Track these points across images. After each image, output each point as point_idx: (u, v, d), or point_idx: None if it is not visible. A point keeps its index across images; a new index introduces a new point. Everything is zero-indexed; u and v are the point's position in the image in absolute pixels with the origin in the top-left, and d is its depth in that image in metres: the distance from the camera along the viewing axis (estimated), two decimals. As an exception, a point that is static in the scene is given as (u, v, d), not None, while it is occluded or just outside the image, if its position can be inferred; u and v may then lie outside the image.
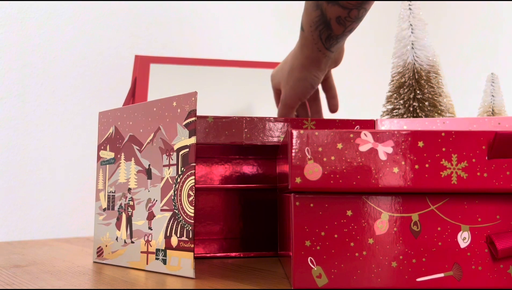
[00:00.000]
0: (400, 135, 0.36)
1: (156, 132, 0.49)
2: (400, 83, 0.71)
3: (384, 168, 0.36)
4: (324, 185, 0.36)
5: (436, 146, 0.36)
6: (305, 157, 0.36)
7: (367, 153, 0.36)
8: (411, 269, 0.37)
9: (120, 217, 0.52)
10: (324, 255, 0.37)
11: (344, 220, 0.37)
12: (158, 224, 0.47)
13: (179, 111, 0.46)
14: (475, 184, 0.36)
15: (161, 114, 0.48)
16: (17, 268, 0.49)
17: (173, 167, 0.46)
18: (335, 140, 0.36)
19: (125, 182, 0.52)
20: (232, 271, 0.48)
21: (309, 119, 0.54)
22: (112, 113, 0.54)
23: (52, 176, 0.88)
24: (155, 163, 0.48)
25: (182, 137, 0.46)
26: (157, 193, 0.48)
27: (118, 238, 0.51)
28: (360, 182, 0.36)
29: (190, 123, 0.45)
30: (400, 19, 0.73)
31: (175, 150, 0.46)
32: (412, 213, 0.37)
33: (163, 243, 0.46)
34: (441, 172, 0.36)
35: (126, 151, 0.52)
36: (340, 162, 0.36)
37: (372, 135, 0.36)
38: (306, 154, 0.36)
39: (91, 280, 0.44)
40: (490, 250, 0.37)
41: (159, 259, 0.46)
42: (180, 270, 0.44)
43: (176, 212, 0.45)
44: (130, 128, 0.52)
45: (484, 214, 0.38)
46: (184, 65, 0.84)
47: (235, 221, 0.65)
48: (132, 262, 0.49)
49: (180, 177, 0.45)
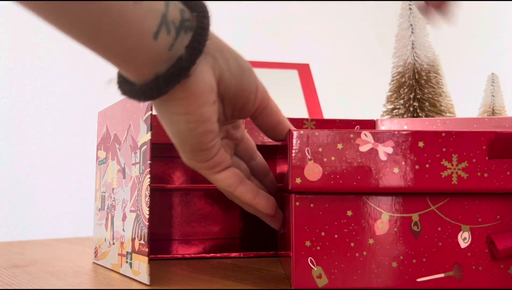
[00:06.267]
0: (400, 135, 0.36)
1: (128, 129, 0.47)
2: (400, 83, 0.71)
3: (384, 169, 0.36)
4: (324, 185, 0.36)
5: (437, 146, 0.36)
6: (305, 158, 0.36)
7: (367, 154, 0.36)
8: (411, 269, 0.37)
9: (108, 217, 0.51)
10: (324, 255, 0.37)
11: (344, 220, 0.37)
12: (128, 226, 0.45)
13: (141, 106, 0.44)
14: (475, 184, 0.36)
15: (131, 110, 0.46)
16: (17, 268, 0.49)
17: (138, 165, 0.44)
18: (336, 141, 0.36)
19: (111, 182, 0.50)
20: (232, 271, 0.48)
21: (309, 119, 0.54)
22: (104, 112, 0.54)
23: (52, 176, 0.88)
24: (128, 162, 0.46)
25: (143, 133, 0.43)
26: (128, 193, 0.46)
27: (106, 239, 0.51)
28: (360, 182, 0.36)
29: (148, 118, 0.42)
30: (400, 18, 0.73)
31: (139, 147, 0.44)
32: (413, 213, 0.37)
33: (130, 246, 0.44)
34: (442, 172, 0.36)
35: (112, 150, 0.50)
36: (340, 163, 0.36)
37: (372, 136, 0.36)
38: (306, 154, 0.36)
39: (91, 280, 0.44)
40: (491, 250, 0.37)
41: (128, 263, 0.44)
42: (139, 276, 0.42)
43: (138, 213, 0.43)
44: (114, 126, 0.50)
45: (484, 214, 0.38)
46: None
47: (235, 221, 0.65)
48: (113, 264, 0.48)
49: (141, 176, 0.43)
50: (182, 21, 0.32)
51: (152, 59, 0.32)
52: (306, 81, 0.92)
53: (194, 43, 0.32)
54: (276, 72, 0.95)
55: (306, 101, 0.90)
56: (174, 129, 0.35)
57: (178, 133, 0.35)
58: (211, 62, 0.34)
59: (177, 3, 0.33)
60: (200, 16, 0.33)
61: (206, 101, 0.34)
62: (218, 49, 0.35)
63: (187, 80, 0.33)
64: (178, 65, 0.32)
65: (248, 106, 0.38)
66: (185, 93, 0.33)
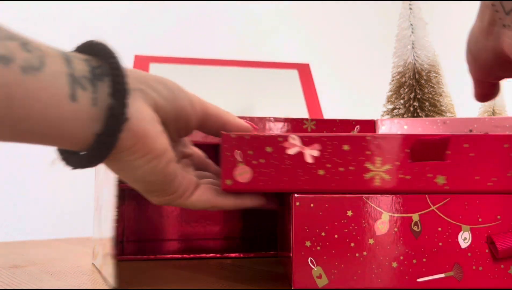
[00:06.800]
0: (327, 139, 0.37)
1: None
2: (401, 83, 0.71)
3: (310, 171, 0.37)
4: (254, 187, 0.37)
5: (361, 149, 0.37)
6: (236, 160, 0.37)
7: (295, 156, 0.37)
8: (411, 270, 0.37)
9: (98, 218, 0.50)
10: (324, 256, 0.37)
11: (345, 220, 0.37)
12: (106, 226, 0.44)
13: None
14: (397, 186, 0.37)
15: None
16: (16, 268, 0.49)
17: None
18: (265, 144, 0.37)
19: (101, 182, 0.50)
20: (231, 271, 0.47)
21: (309, 119, 0.54)
22: None
23: (52, 176, 0.88)
24: None
25: None
26: (107, 193, 0.46)
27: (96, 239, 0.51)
28: (286, 184, 0.37)
29: None
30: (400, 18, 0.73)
31: None
32: (413, 213, 0.37)
33: (106, 247, 0.43)
34: (365, 174, 0.37)
35: None
36: (269, 165, 0.37)
37: (300, 139, 0.37)
38: (236, 157, 0.37)
39: (91, 280, 0.44)
40: (491, 250, 0.37)
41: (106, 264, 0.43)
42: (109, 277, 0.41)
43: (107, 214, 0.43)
44: None
45: (484, 214, 0.38)
46: (184, 65, 0.84)
47: (235, 221, 0.65)
48: (99, 265, 0.47)
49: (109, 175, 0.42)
50: (92, 70, 0.31)
51: (83, 122, 0.30)
52: (306, 81, 0.92)
53: (117, 86, 0.31)
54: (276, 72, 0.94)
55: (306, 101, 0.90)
56: (137, 174, 0.34)
57: (142, 176, 0.34)
58: (141, 96, 0.33)
59: (77, 56, 0.31)
60: (107, 58, 0.31)
61: (156, 135, 0.33)
62: (141, 80, 0.34)
63: (128, 125, 0.31)
64: (112, 115, 0.30)
65: (191, 122, 0.37)
66: (134, 138, 0.32)
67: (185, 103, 0.36)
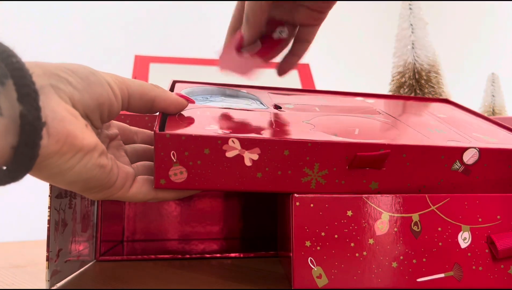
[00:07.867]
0: (267, 143, 0.37)
1: None
2: (401, 82, 0.71)
3: (248, 173, 0.37)
4: (188, 186, 0.36)
5: (301, 154, 0.37)
6: (171, 160, 0.36)
7: (233, 159, 0.36)
8: (411, 270, 0.37)
9: None
10: (324, 256, 0.37)
11: (345, 220, 0.37)
12: None
13: None
14: (332, 189, 0.38)
15: None
16: (17, 268, 0.49)
17: None
18: (202, 145, 0.36)
19: None
20: (231, 271, 0.48)
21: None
22: None
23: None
24: None
25: None
26: None
27: None
28: (223, 186, 0.37)
29: None
30: (400, 18, 0.73)
31: None
32: (413, 213, 0.37)
33: None
34: (302, 178, 0.37)
35: None
36: (206, 167, 0.36)
37: (239, 142, 0.36)
38: (171, 157, 0.36)
39: (91, 280, 0.44)
40: (491, 250, 0.37)
41: None
42: None
43: None
44: None
45: (484, 214, 0.38)
46: (184, 65, 0.84)
47: (235, 221, 0.65)
48: None
49: None
50: None
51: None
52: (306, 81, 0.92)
53: (23, 89, 0.27)
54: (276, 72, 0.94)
55: (306, 101, 0.90)
56: (71, 175, 0.31)
57: (77, 176, 0.31)
58: (54, 93, 0.29)
59: None
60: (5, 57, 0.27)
61: (81, 131, 0.30)
62: (50, 74, 0.30)
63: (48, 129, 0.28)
64: (25, 122, 0.27)
65: (113, 106, 0.34)
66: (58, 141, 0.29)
67: (102, 89, 0.33)
